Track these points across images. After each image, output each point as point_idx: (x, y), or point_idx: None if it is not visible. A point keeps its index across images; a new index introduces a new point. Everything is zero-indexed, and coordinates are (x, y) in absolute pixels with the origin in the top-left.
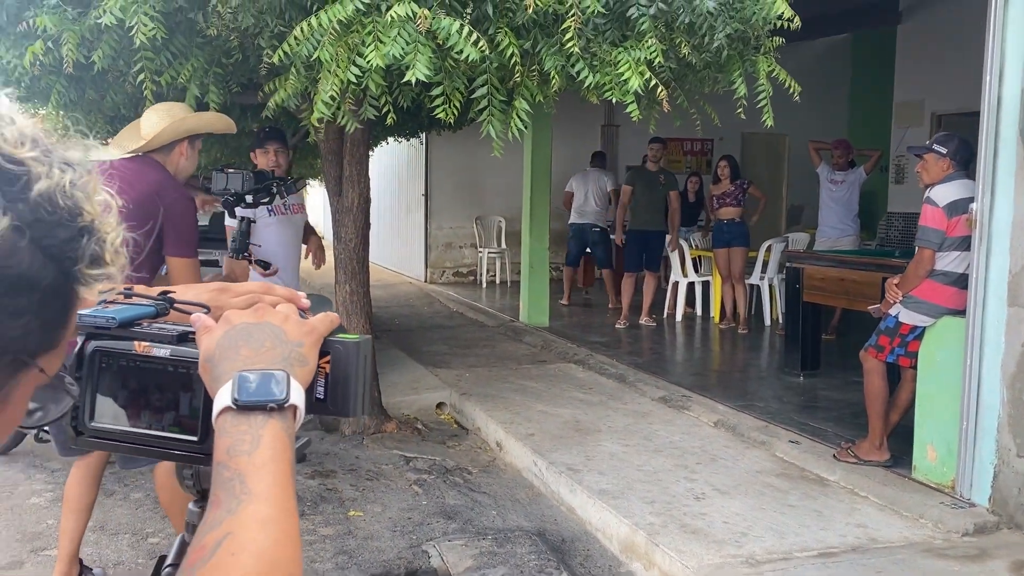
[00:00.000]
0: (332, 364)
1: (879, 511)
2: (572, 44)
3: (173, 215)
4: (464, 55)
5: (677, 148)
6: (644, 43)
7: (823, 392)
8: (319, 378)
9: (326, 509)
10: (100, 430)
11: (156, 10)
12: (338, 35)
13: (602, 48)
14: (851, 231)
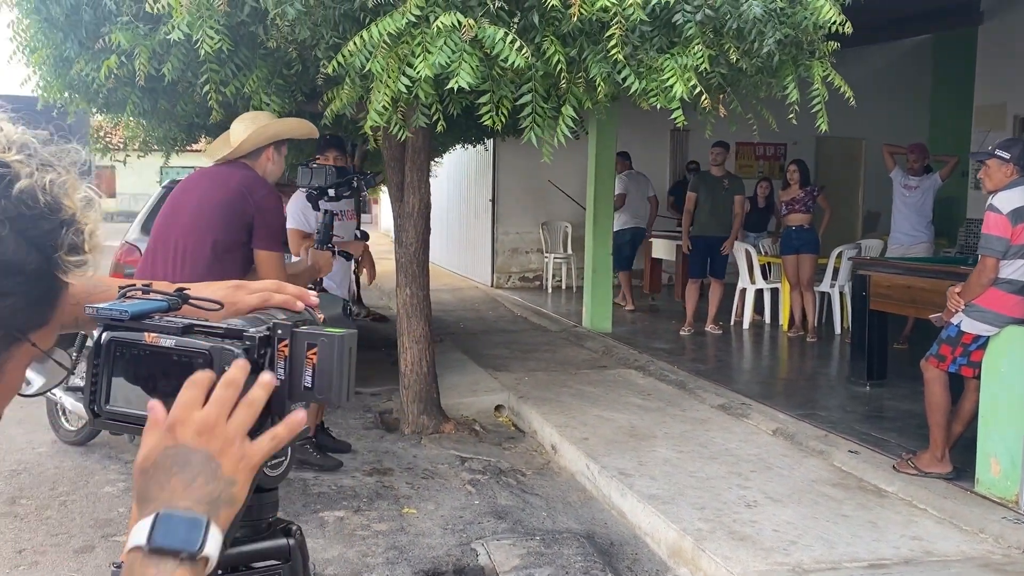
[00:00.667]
0: (318, 355)
1: (937, 524)
2: (616, 51)
3: (262, 211)
4: (510, 63)
5: (749, 152)
6: (691, 50)
7: (888, 402)
8: (307, 368)
9: (381, 505)
10: (115, 412)
11: (221, 24)
12: (389, 47)
13: (648, 55)
14: (924, 238)
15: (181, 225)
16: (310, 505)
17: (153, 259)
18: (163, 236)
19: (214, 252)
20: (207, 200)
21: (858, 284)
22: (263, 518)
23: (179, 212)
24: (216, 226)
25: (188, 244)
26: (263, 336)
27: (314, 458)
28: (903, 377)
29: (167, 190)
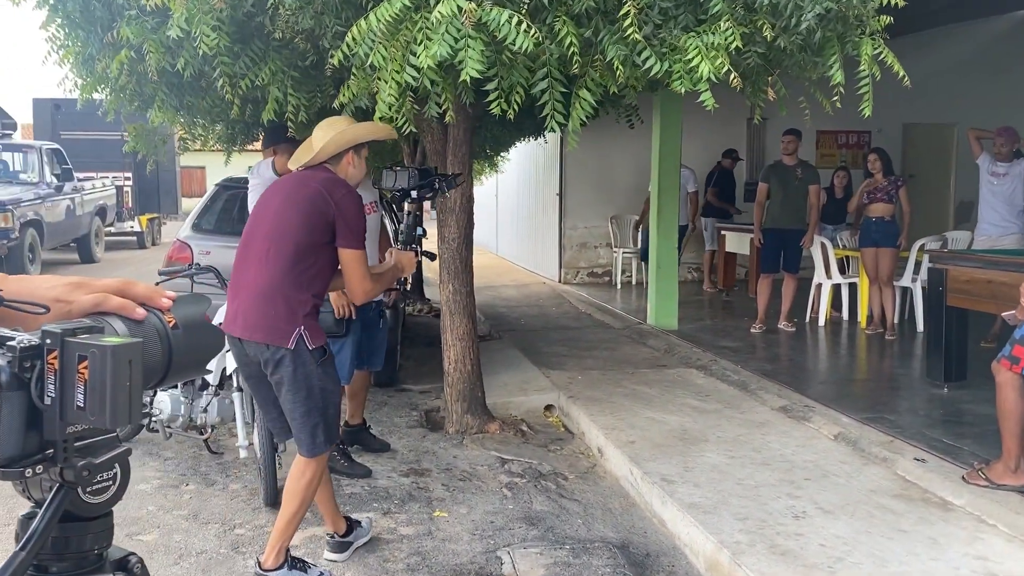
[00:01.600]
0: (89, 369)
1: (1007, 542)
2: (633, 31)
3: (343, 210)
4: (518, 46)
5: (831, 141)
6: (718, 27)
7: (966, 405)
8: (78, 384)
9: (412, 508)
10: None
11: (222, 17)
12: (388, 35)
13: (672, 34)
14: (1015, 229)
15: (266, 227)
16: (339, 506)
17: (245, 261)
18: (251, 238)
19: (296, 253)
20: (290, 202)
21: (934, 278)
22: (87, 550)
23: (265, 215)
24: (298, 228)
25: (272, 246)
26: (29, 346)
27: (341, 466)
28: (986, 378)
29: (220, 188)
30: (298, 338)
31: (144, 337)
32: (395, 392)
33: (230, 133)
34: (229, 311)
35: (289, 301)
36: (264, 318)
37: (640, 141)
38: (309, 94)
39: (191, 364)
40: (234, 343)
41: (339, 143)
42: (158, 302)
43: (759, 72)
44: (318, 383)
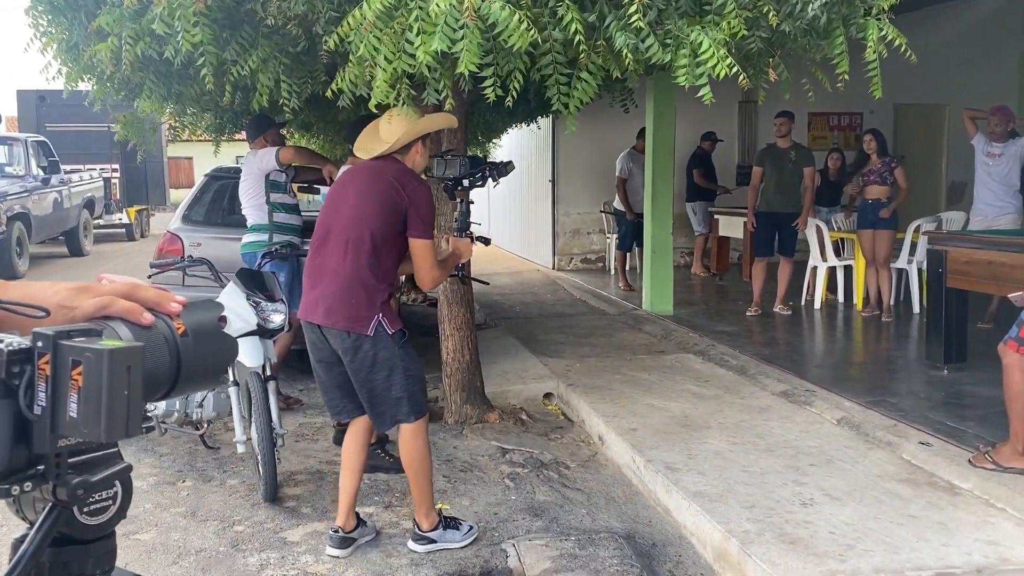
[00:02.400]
0: (83, 375)
1: (1017, 527)
2: (637, 18)
3: (415, 201)
4: (511, 45)
5: (823, 123)
6: (724, 20)
7: (967, 387)
8: (71, 392)
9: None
10: None
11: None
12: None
13: (676, 24)
14: (1011, 208)
15: (344, 218)
16: None
17: (323, 250)
18: (329, 229)
19: (373, 243)
20: (365, 194)
21: (933, 260)
22: (89, 574)
23: (340, 206)
24: (374, 218)
25: (351, 236)
26: (18, 349)
27: (386, 462)
28: (987, 359)
29: (209, 179)
30: (377, 324)
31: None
32: None
33: (219, 122)
34: (307, 299)
35: (368, 290)
36: (345, 307)
37: (632, 126)
38: (300, 80)
39: (202, 374)
40: (312, 329)
41: (411, 134)
42: (167, 307)
43: (760, 55)
44: (400, 363)
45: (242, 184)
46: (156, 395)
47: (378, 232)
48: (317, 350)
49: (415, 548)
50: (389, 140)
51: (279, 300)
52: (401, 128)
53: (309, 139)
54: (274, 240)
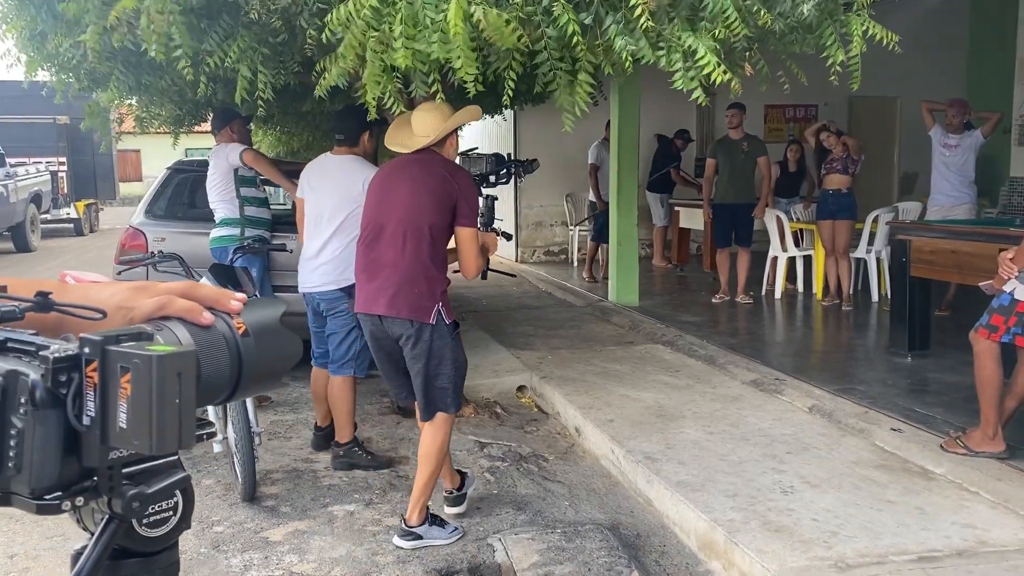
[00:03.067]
0: (132, 383)
1: (991, 509)
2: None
3: (465, 192)
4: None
5: (778, 115)
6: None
7: (932, 374)
8: (120, 402)
9: (394, 498)
10: None
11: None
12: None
13: (672, 25)
14: (967, 199)
15: (400, 211)
16: (319, 499)
17: (378, 243)
18: (382, 223)
19: (432, 234)
20: (421, 187)
21: (898, 249)
22: None
23: (393, 199)
24: (431, 210)
25: (409, 229)
26: (65, 356)
27: (363, 459)
28: (947, 346)
29: (172, 172)
30: (437, 314)
31: (209, 344)
32: (364, 379)
33: (179, 114)
34: (367, 291)
35: (430, 280)
36: (408, 297)
37: (595, 118)
38: (274, 71)
39: (264, 376)
40: (372, 320)
41: (448, 128)
42: (227, 305)
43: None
44: (451, 353)
45: (210, 178)
46: (217, 399)
47: (436, 224)
48: (377, 340)
49: (401, 544)
50: (426, 134)
51: (253, 296)
52: (437, 122)
53: (268, 131)
54: (246, 234)
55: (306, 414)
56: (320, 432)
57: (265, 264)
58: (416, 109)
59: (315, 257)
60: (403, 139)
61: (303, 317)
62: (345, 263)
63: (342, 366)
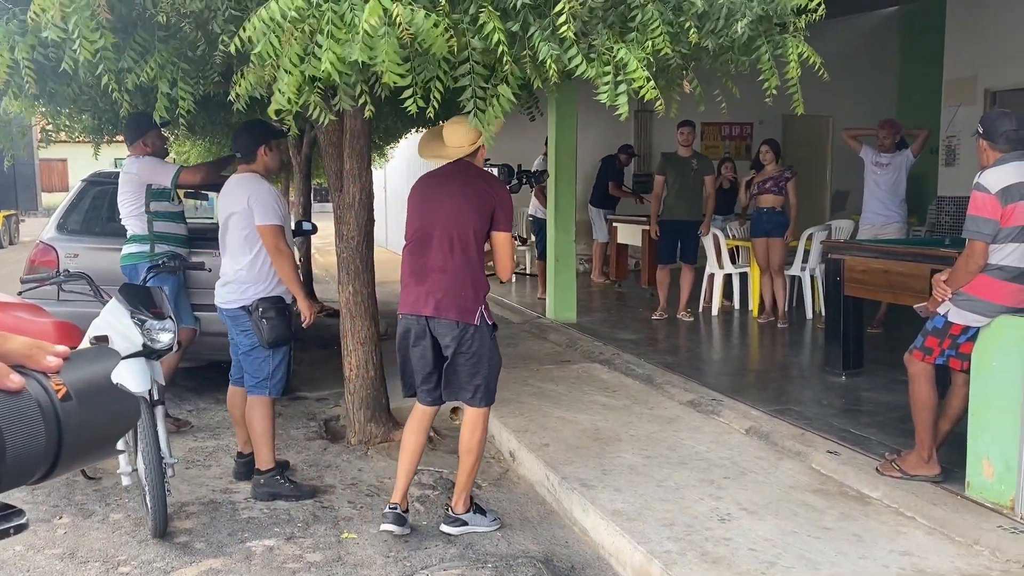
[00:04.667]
0: None
1: (927, 535)
2: (566, 28)
3: (502, 200)
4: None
5: (715, 133)
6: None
7: (866, 393)
8: None
9: (318, 531)
10: None
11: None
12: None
13: (601, 37)
14: (897, 217)
15: (445, 220)
16: (237, 534)
17: (425, 249)
18: (427, 231)
19: (476, 240)
20: (464, 197)
21: (831, 269)
22: None
23: (437, 209)
24: (474, 217)
25: (455, 236)
26: None
27: (286, 489)
28: (881, 365)
29: (87, 184)
30: (481, 315)
31: (18, 416)
32: (289, 401)
33: (97, 124)
34: (415, 294)
35: (475, 284)
36: (456, 300)
37: (531, 133)
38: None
39: (92, 446)
40: (417, 321)
41: (478, 139)
42: (41, 362)
43: (675, 70)
44: (489, 353)
45: (121, 191)
46: (31, 478)
47: (479, 230)
48: (417, 339)
49: (449, 530)
50: (459, 144)
51: (167, 318)
52: (468, 133)
53: (194, 141)
54: (156, 251)
55: (227, 440)
56: (242, 459)
57: (180, 282)
58: (447, 123)
59: (223, 274)
60: (437, 150)
61: (223, 337)
62: (249, 280)
63: (256, 385)
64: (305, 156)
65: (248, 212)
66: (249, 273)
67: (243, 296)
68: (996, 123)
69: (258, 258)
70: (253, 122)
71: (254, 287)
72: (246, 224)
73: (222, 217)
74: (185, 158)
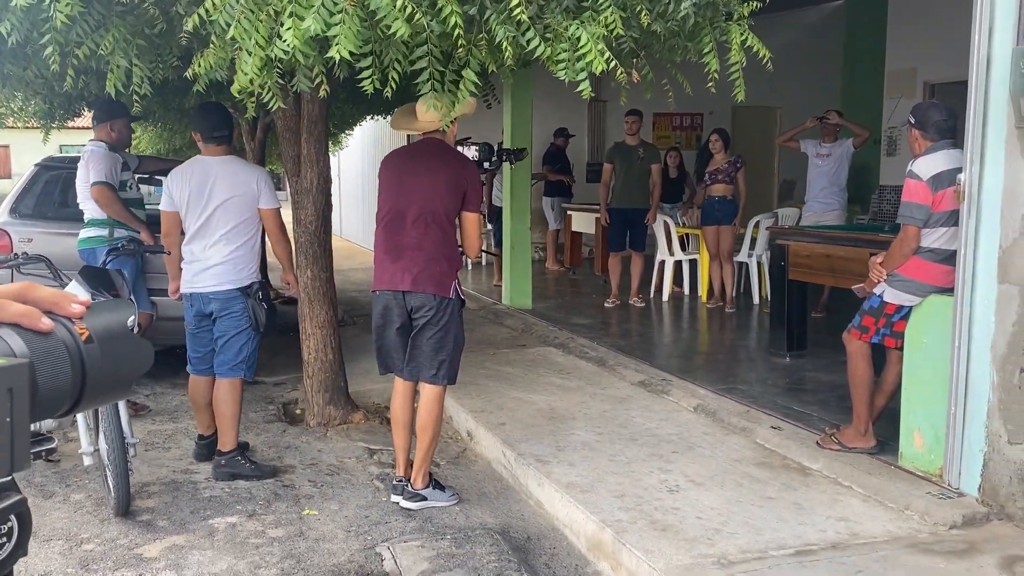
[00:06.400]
0: None
1: (863, 502)
2: (520, 11)
3: (472, 180)
4: (393, 31)
5: (666, 123)
6: (602, 17)
7: (809, 373)
8: None
9: (279, 508)
10: None
11: None
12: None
13: (555, 17)
14: (836, 205)
15: (420, 199)
16: (199, 511)
17: (400, 226)
18: (400, 209)
19: (448, 218)
20: (438, 177)
21: (776, 254)
22: None
23: (412, 188)
24: (447, 197)
25: (430, 215)
26: None
27: (247, 469)
28: (823, 347)
29: (41, 168)
30: (455, 290)
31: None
32: (248, 385)
33: (48, 108)
34: (391, 270)
35: (449, 259)
36: (433, 275)
37: (485, 120)
38: (151, 64)
39: (111, 385)
40: (393, 296)
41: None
42: (68, 309)
43: (627, 56)
44: (454, 328)
45: (80, 175)
46: (58, 411)
47: (451, 209)
48: (392, 314)
49: (408, 505)
50: (432, 118)
51: (127, 300)
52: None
53: (146, 127)
54: (115, 235)
55: (186, 423)
56: (203, 441)
57: (139, 267)
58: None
59: (205, 258)
60: (409, 123)
61: (180, 322)
62: (243, 263)
63: (232, 368)
64: (259, 142)
65: (253, 195)
66: (245, 255)
67: (239, 277)
68: (927, 113)
69: (252, 241)
70: (218, 103)
71: (247, 269)
72: (248, 207)
73: (212, 201)
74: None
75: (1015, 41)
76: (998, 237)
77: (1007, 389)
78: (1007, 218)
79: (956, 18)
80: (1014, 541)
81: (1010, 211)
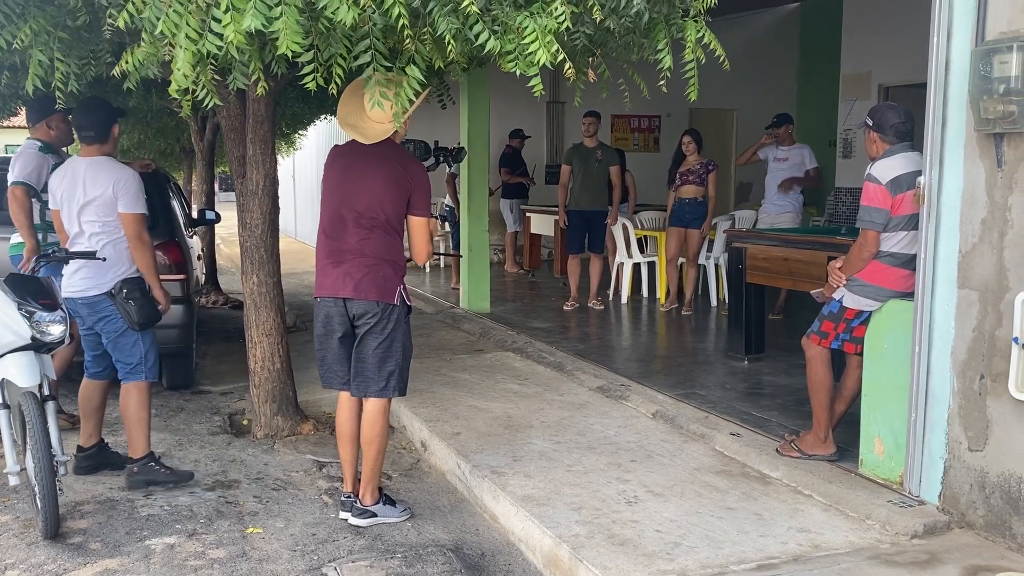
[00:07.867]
0: None
1: (823, 512)
2: (468, 3)
3: (419, 184)
4: (338, 19)
5: (624, 125)
6: (551, 9)
7: (767, 377)
8: None
9: (221, 526)
10: None
11: None
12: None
13: (503, 10)
14: (790, 208)
15: (363, 203)
16: (135, 532)
17: (341, 229)
18: (342, 214)
19: (392, 223)
20: (380, 181)
21: (734, 257)
22: None
23: (354, 192)
24: (391, 202)
25: (373, 219)
26: None
27: (162, 474)
28: (781, 350)
29: None
30: (400, 296)
31: None
32: (192, 395)
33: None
34: (332, 276)
35: (394, 265)
36: (376, 281)
37: (443, 121)
38: (82, 60)
39: None
40: (335, 303)
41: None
42: None
43: (582, 53)
44: (401, 337)
45: (10, 174)
46: None
47: (394, 214)
48: (334, 323)
49: (357, 522)
50: (382, 120)
51: (59, 309)
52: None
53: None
54: (48, 240)
55: (124, 436)
56: (82, 453)
57: None
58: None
59: (76, 261)
60: (358, 123)
61: None
62: (108, 266)
63: (131, 371)
64: (208, 143)
65: (111, 199)
66: (112, 257)
67: (102, 281)
68: (885, 115)
69: (118, 243)
70: (100, 99)
71: (113, 270)
72: (109, 210)
73: (75, 204)
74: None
75: (974, 43)
76: (957, 241)
77: (967, 396)
78: (966, 222)
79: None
80: (975, 550)
81: (969, 215)
